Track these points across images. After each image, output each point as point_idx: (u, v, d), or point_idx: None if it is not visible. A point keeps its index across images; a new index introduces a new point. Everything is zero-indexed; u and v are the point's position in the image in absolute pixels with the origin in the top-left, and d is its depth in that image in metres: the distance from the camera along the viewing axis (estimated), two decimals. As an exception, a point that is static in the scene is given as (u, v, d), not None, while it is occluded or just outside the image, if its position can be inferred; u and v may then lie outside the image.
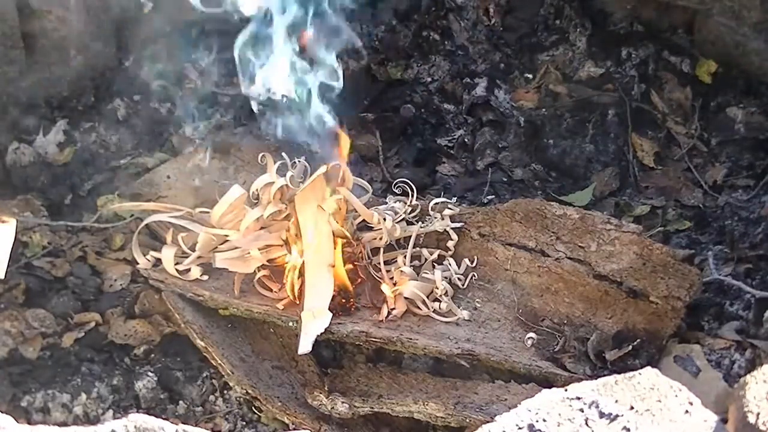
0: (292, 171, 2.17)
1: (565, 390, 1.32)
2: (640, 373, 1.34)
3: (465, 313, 2.10)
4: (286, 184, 2.14)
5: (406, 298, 2.09)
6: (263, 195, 2.16)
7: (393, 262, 2.16)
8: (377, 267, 2.14)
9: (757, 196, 2.50)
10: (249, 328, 2.13)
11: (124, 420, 1.34)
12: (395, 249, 2.21)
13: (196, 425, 1.94)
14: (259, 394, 1.98)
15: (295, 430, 1.94)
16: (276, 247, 2.14)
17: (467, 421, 1.87)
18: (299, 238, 2.09)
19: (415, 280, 2.11)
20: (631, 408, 1.30)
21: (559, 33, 2.93)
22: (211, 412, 2.04)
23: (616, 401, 1.30)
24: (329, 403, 1.94)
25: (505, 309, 2.13)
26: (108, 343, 2.13)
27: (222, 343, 2.05)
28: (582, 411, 1.29)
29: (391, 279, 2.10)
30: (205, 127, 2.66)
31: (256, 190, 2.17)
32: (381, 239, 2.17)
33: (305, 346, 1.99)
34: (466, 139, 2.72)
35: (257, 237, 2.13)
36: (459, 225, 2.24)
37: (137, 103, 2.67)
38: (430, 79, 2.85)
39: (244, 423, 2.03)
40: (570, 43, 2.91)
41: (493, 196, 2.55)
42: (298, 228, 2.10)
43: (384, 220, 2.17)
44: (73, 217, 2.39)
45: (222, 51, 2.62)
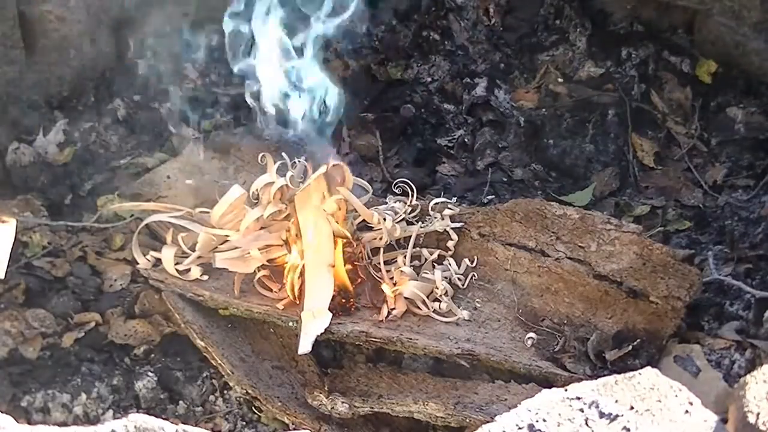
0: (292, 171, 2.17)
1: (565, 390, 1.32)
2: (640, 373, 1.34)
3: (465, 313, 2.09)
4: (286, 184, 2.14)
5: (406, 298, 2.09)
6: (263, 195, 2.16)
7: (393, 262, 2.16)
8: (377, 267, 2.14)
9: (757, 196, 2.50)
10: (249, 328, 2.13)
11: (124, 420, 1.34)
12: (395, 249, 2.21)
13: (196, 425, 1.94)
14: (259, 394, 1.98)
15: (295, 430, 1.94)
16: (276, 247, 2.14)
17: (467, 421, 1.87)
18: (299, 238, 2.09)
19: (415, 280, 2.10)
20: (631, 408, 1.30)
21: (559, 33, 2.93)
22: (211, 412, 2.04)
23: (616, 401, 1.30)
24: (329, 403, 1.94)
25: (505, 309, 2.13)
26: (108, 343, 2.13)
27: (222, 343, 2.05)
28: (582, 411, 1.29)
29: (391, 279, 2.10)
30: (205, 127, 2.66)
31: (256, 190, 2.17)
32: (381, 239, 2.17)
33: (305, 346, 1.99)
34: (466, 139, 2.72)
35: (257, 237, 2.13)
36: (459, 225, 2.24)
37: (137, 103, 2.67)
38: (430, 79, 2.85)
39: (244, 423, 2.03)
40: (570, 43, 2.91)
41: (493, 196, 2.55)
42: (298, 228, 2.10)
43: (384, 220, 2.17)
44: (73, 217, 2.39)
45: (222, 51, 2.61)
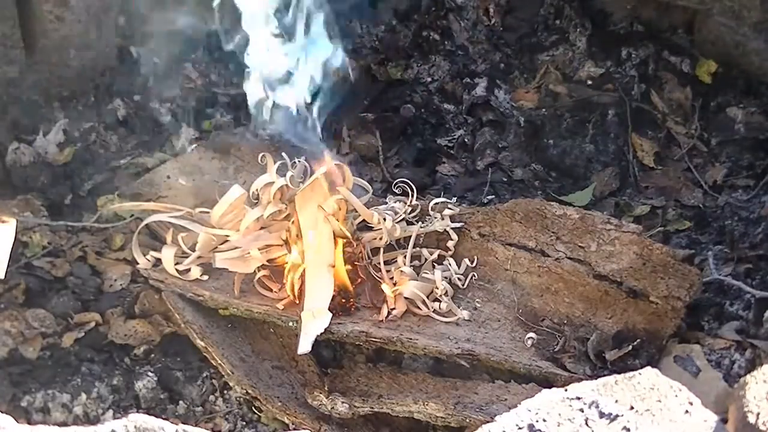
0: (292, 171, 2.17)
1: (565, 390, 1.32)
2: (640, 373, 1.34)
3: (465, 313, 2.09)
4: (286, 184, 2.14)
5: (406, 298, 2.09)
6: (263, 195, 2.16)
7: (393, 262, 2.16)
8: (377, 267, 2.14)
9: (757, 196, 2.50)
10: (249, 328, 2.13)
11: (124, 420, 1.34)
12: (395, 249, 2.21)
13: (196, 425, 1.94)
14: (259, 394, 1.98)
15: (295, 430, 1.94)
16: (276, 247, 2.14)
17: (467, 421, 1.87)
18: (299, 238, 2.09)
19: (415, 280, 2.10)
20: (631, 408, 1.30)
21: (559, 33, 2.93)
22: (211, 412, 2.04)
23: (616, 401, 1.30)
24: (329, 403, 1.94)
25: (505, 309, 2.13)
26: (108, 343, 2.13)
27: (222, 343, 2.05)
28: (582, 411, 1.29)
29: (391, 279, 2.10)
30: (205, 127, 2.66)
31: (256, 190, 2.17)
32: (381, 239, 2.17)
33: (305, 346, 1.99)
34: (466, 139, 2.72)
35: (257, 237, 2.13)
36: (459, 225, 2.24)
37: (137, 103, 2.67)
38: (430, 79, 2.85)
39: (244, 423, 2.03)
40: (570, 43, 2.91)
41: (493, 196, 2.55)
42: (298, 228, 2.10)
43: (384, 220, 2.17)
44: (73, 217, 2.39)
45: (222, 51, 2.62)
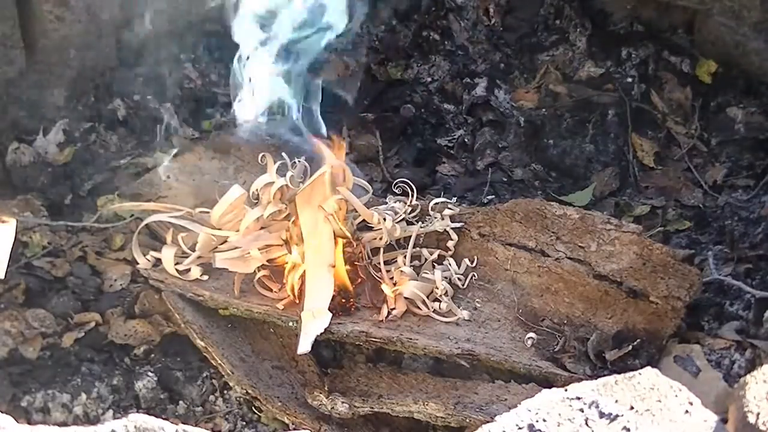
0: (292, 171, 2.17)
1: (565, 390, 1.32)
2: (640, 373, 1.34)
3: (465, 313, 2.09)
4: (286, 184, 2.14)
5: (406, 298, 2.09)
6: (263, 195, 2.16)
7: (393, 262, 2.16)
8: (377, 267, 2.14)
9: (757, 196, 2.50)
10: (249, 328, 2.13)
11: (124, 420, 1.34)
12: (395, 249, 2.20)
13: (196, 425, 1.94)
14: (259, 394, 1.98)
15: (295, 430, 1.94)
16: (276, 247, 2.14)
17: (467, 421, 1.87)
18: (299, 238, 2.09)
19: (415, 280, 2.10)
20: (631, 408, 1.30)
21: (559, 33, 2.93)
22: (211, 412, 2.04)
23: (616, 401, 1.30)
24: (329, 403, 1.94)
25: (505, 309, 2.13)
26: (108, 343, 2.13)
27: (222, 343, 2.05)
28: (582, 411, 1.29)
29: (391, 279, 2.10)
30: (205, 127, 2.66)
31: (256, 190, 2.17)
32: (381, 239, 2.17)
33: (305, 346, 1.99)
34: (466, 139, 2.72)
35: (257, 237, 2.13)
36: (459, 225, 2.24)
37: (137, 103, 2.67)
38: (430, 79, 2.85)
39: (244, 423, 2.03)
40: (570, 43, 2.91)
41: (493, 196, 2.55)
42: (298, 228, 2.10)
43: (384, 220, 2.17)
44: (73, 217, 2.39)
45: (222, 51, 2.62)
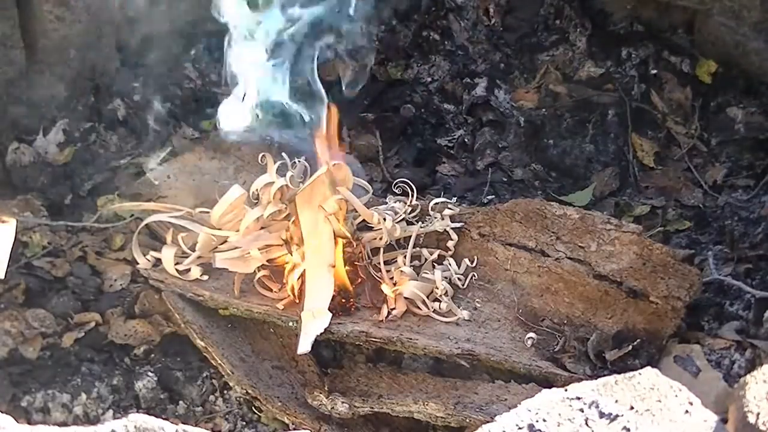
0: (292, 171, 2.17)
1: (565, 390, 1.32)
2: (640, 373, 1.34)
3: (465, 313, 2.09)
4: (286, 184, 2.14)
5: (406, 298, 2.09)
6: (263, 195, 2.16)
7: (393, 262, 2.16)
8: (377, 267, 2.14)
9: (757, 196, 2.50)
10: (249, 328, 2.13)
11: (124, 420, 1.34)
12: (395, 249, 2.20)
13: (196, 425, 1.94)
14: (259, 394, 1.98)
15: (295, 430, 1.94)
16: (276, 247, 2.14)
17: (467, 421, 1.87)
18: (300, 239, 2.09)
19: (415, 280, 2.10)
20: (631, 408, 1.30)
21: (559, 33, 2.93)
22: (211, 412, 2.04)
23: (616, 401, 1.30)
24: (329, 403, 1.94)
25: (505, 309, 2.13)
26: (108, 343, 2.13)
27: (222, 343, 2.05)
28: (582, 411, 1.29)
29: (391, 279, 2.10)
30: (205, 127, 2.66)
31: (256, 190, 2.17)
32: (381, 239, 2.17)
33: (305, 346, 1.99)
34: (466, 139, 2.72)
35: (257, 237, 2.13)
36: (459, 225, 2.24)
37: (137, 103, 2.67)
38: (430, 79, 2.85)
39: (244, 423, 2.03)
40: (570, 43, 2.91)
41: (493, 196, 2.55)
42: (298, 228, 2.10)
43: (384, 220, 2.17)
44: (73, 217, 2.39)
45: (222, 50, 2.61)
